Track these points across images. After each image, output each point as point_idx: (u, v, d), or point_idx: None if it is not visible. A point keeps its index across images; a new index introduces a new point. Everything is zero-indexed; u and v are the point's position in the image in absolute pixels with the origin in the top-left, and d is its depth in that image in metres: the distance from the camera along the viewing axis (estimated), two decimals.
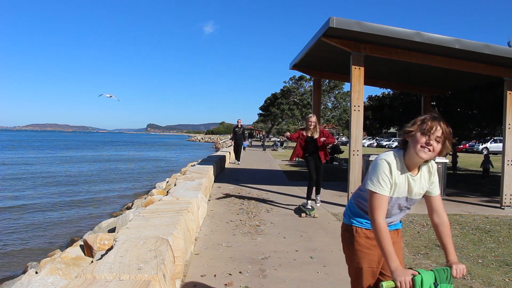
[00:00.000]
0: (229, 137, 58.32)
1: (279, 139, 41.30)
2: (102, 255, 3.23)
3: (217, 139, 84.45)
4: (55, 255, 5.56)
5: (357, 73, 6.55)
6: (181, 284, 3.12)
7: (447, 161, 8.77)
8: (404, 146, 1.78)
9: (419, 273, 1.55)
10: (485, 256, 4.13)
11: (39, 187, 14.26)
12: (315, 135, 6.09)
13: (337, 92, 33.87)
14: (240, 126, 15.06)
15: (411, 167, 1.77)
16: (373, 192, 1.71)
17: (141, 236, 2.91)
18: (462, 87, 11.53)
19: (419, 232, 5.10)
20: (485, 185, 10.83)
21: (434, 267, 1.73)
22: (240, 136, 15.01)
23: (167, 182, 12.43)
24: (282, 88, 38.05)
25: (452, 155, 13.54)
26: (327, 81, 31.45)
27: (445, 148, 1.69)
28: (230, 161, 16.01)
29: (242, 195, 7.66)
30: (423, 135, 1.67)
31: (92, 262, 4.00)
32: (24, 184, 14.87)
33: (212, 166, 9.29)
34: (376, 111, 14.95)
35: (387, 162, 1.73)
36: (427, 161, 1.78)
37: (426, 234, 5.00)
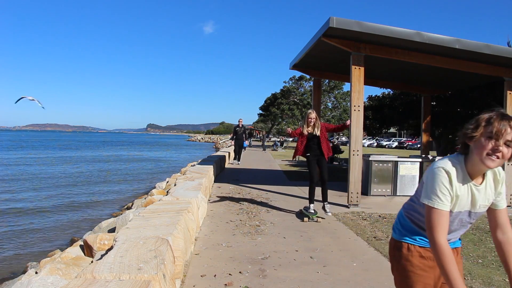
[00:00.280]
0: (229, 137, 58.30)
1: (279, 139, 41.32)
2: (102, 255, 3.23)
3: (217, 139, 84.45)
4: (55, 255, 5.56)
5: (357, 73, 6.56)
6: (181, 284, 3.12)
7: None
8: (465, 151, 1.50)
9: None
10: (485, 256, 4.13)
11: (39, 187, 14.26)
12: (316, 132, 5.72)
13: (337, 92, 33.87)
14: (241, 125, 14.83)
15: (474, 175, 1.49)
16: (431, 207, 1.46)
17: (141, 236, 2.91)
18: (462, 87, 11.54)
19: None
20: None
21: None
22: (241, 136, 14.79)
23: (167, 182, 12.43)
24: (282, 88, 38.08)
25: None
26: (327, 81, 31.45)
27: None
28: (230, 161, 15.98)
29: (242, 195, 7.66)
30: (489, 139, 1.38)
31: (92, 262, 4.00)
32: (24, 184, 14.88)
33: (212, 166, 9.29)
34: (376, 111, 14.95)
35: (446, 171, 1.46)
36: None
37: None
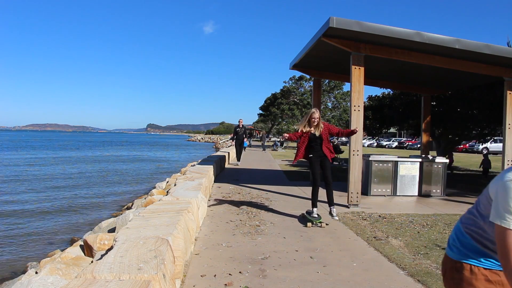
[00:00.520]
0: (229, 137, 58.24)
1: (279, 139, 41.31)
2: (102, 255, 3.23)
3: (217, 139, 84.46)
4: (55, 255, 5.56)
5: (357, 73, 6.56)
6: (181, 284, 3.12)
7: (447, 161, 8.77)
8: None
9: None
10: None
11: (39, 187, 14.26)
12: (317, 132, 5.40)
13: (337, 92, 33.88)
14: (241, 126, 14.69)
15: None
16: (506, 229, 1.23)
17: (141, 236, 2.91)
18: (462, 87, 11.54)
19: (419, 232, 5.09)
20: (485, 185, 10.79)
21: (434, 268, 1.70)
22: (241, 136, 14.66)
23: (167, 182, 12.43)
24: (282, 88, 38.07)
25: (448, 155, 13.56)
26: (327, 81, 31.46)
27: None
28: (230, 161, 15.98)
29: (242, 195, 7.66)
30: None
31: (92, 262, 4.01)
32: (24, 184, 14.88)
33: (212, 166, 9.29)
34: (376, 111, 14.95)
35: None
36: None
37: (426, 234, 5.00)
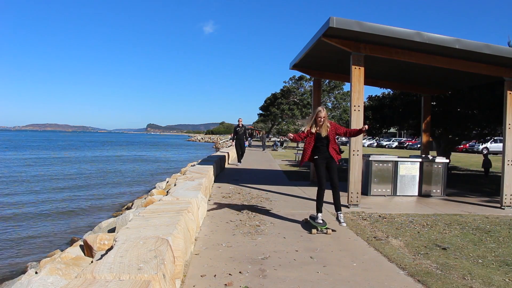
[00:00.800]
0: (229, 137, 58.24)
1: (279, 139, 41.30)
2: (102, 255, 3.23)
3: (217, 139, 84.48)
4: (55, 255, 5.57)
5: (357, 73, 6.56)
6: (181, 284, 3.11)
7: (447, 161, 8.77)
8: None
9: None
10: (485, 256, 4.13)
11: (38, 187, 14.26)
12: (324, 132, 5.08)
13: (337, 92, 33.88)
14: (241, 125, 14.27)
15: None
16: None
17: (141, 236, 2.91)
18: (462, 87, 11.53)
19: (419, 232, 5.09)
20: (485, 185, 10.84)
21: (434, 268, 1.71)
22: (241, 136, 14.22)
23: (167, 182, 12.44)
24: (282, 88, 38.07)
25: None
26: (327, 81, 31.46)
27: None
28: (230, 162, 15.96)
29: (242, 195, 7.66)
30: None
31: (92, 262, 4.01)
32: (23, 184, 14.88)
33: (212, 166, 9.29)
34: (376, 111, 14.92)
35: None
36: None
37: (426, 234, 5.00)
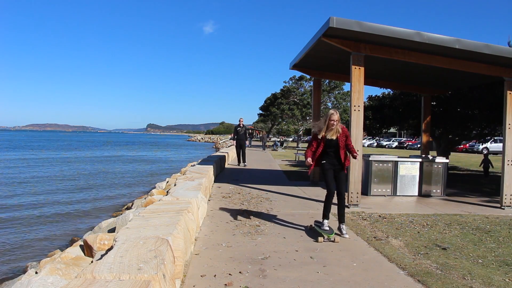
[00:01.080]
0: (229, 137, 58.18)
1: (279, 139, 41.30)
2: (102, 255, 3.23)
3: (217, 139, 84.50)
4: (55, 255, 5.57)
5: (357, 73, 6.56)
6: (181, 284, 3.11)
7: (447, 161, 8.77)
8: None
9: None
10: (485, 256, 4.13)
11: (38, 188, 14.26)
12: (334, 136, 4.76)
13: (337, 92, 33.87)
14: (242, 125, 14.06)
15: None
16: None
17: (141, 236, 2.91)
18: (462, 87, 11.53)
19: (419, 232, 5.09)
20: (485, 185, 10.84)
21: (434, 268, 1.70)
22: (242, 136, 13.94)
23: (167, 182, 12.45)
24: (282, 88, 38.04)
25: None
26: (327, 81, 31.45)
27: None
28: (230, 162, 15.95)
29: (242, 195, 7.66)
30: None
31: (92, 262, 4.01)
32: (23, 184, 14.88)
33: (212, 166, 9.29)
34: (376, 111, 14.91)
35: None
36: None
37: (426, 234, 5.00)
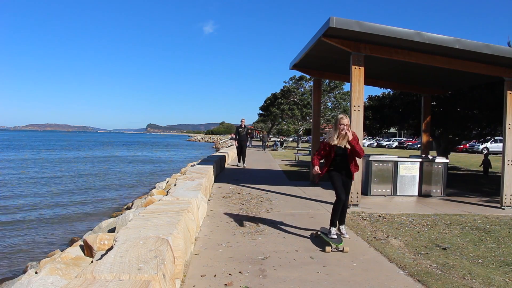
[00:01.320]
0: (229, 137, 58.00)
1: (279, 139, 41.31)
2: (102, 255, 3.23)
3: (217, 139, 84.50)
4: (55, 255, 5.57)
5: (357, 73, 6.56)
6: (181, 284, 3.12)
7: (447, 161, 8.77)
8: None
9: None
10: (485, 256, 4.13)
11: (39, 187, 14.26)
12: (343, 142, 4.41)
13: (337, 92, 33.85)
14: (243, 126, 14.12)
15: None
16: None
17: (141, 236, 2.91)
18: (462, 87, 11.53)
19: (419, 232, 5.09)
20: (485, 185, 10.84)
21: (434, 268, 1.70)
22: (244, 137, 14.05)
23: (167, 182, 12.44)
24: (282, 88, 38.02)
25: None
26: (327, 81, 31.44)
27: None
28: (230, 162, 15.95)
29: (242, 195, 7.66)
30: None
31: (92, 262, 4.01)
32: (24, 184, 14.88)
33: (212, 166, 9.29)
34: (376, 111, 14.92)
35: None
36: None
37: (426, 234, 5.00)
